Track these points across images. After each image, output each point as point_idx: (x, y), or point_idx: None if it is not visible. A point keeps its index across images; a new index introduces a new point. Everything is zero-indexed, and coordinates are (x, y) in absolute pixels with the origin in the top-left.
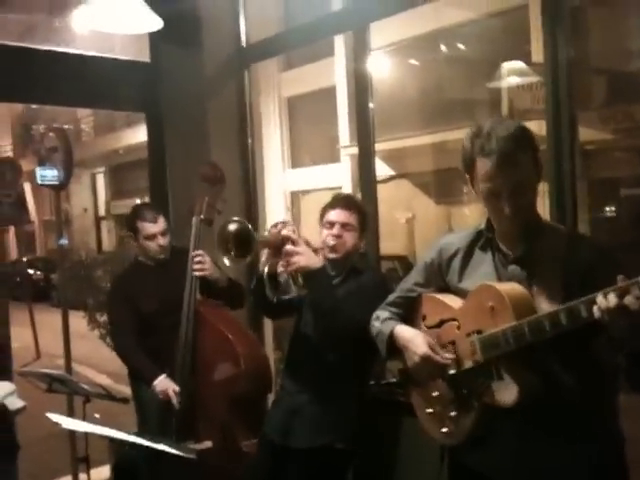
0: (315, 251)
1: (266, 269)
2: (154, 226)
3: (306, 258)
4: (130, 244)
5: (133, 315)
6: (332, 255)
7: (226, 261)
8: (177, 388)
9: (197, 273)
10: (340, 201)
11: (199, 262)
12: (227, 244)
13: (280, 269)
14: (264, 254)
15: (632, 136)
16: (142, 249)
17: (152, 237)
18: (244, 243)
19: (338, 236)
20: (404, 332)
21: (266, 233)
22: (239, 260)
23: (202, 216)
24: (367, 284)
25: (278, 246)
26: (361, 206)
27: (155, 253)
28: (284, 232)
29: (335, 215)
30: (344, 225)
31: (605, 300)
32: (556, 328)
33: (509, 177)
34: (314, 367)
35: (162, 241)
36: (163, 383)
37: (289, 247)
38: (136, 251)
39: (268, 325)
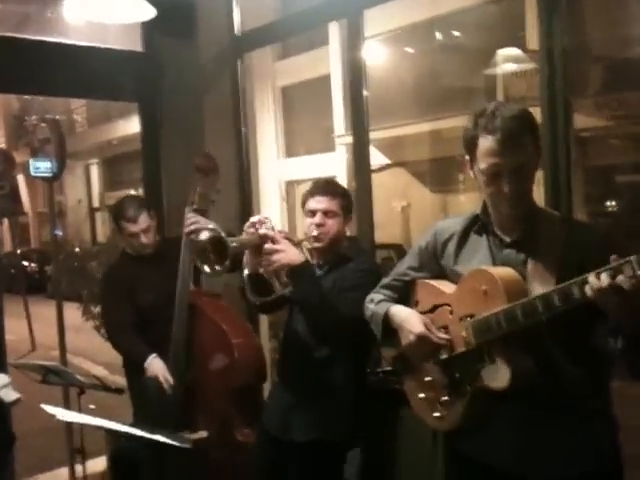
0: (297, 245)
1: (246, 271)
2: (134, 225)
3: (287, 255)
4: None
5: (127, 306)
6: (316, 244)
7: (207, 269)
8: (168, 374)
9: (192, 236)
10: (319, 188)
11: (192, 223)
12: (204, 253)
13: (261, 269)
14: (245, 255)
15: (628, 123)
16: (128, 243)
17: (134, 235)
18: (220, 250)
19: (320, 225)
20: (400, 312)
21: (243, 234)
22: (217, 268)
23: (194, 206)
24: (355, 273)
25: (257, 245)
26: (342, 189)
27: (139, 249)
28: (261, 231)
29: (315, 203)
30: (326, 212)
31: (597, 280)
32: (549, 310)
33: (511, 156)
34: (308, 361)
35: (144, 239)
36: (154, 366)
37: (268, 246)
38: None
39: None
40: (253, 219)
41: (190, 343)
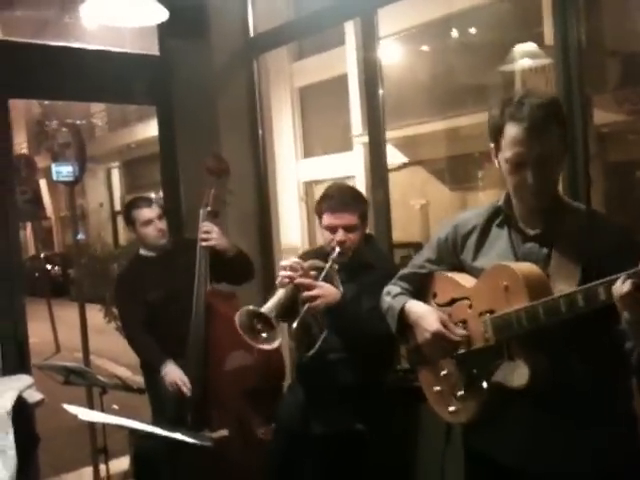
0: (330, 278)
1: (294, 324)
2: (150, 211)
3: (325, 298)
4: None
5: (141, 307)
6: (340, 259)
7: (264, 336)
8: (185, 378)
9: (204, 243)
10: (337, 202)
11: (205, 232)
12: (251, 327)
13: (304, 315)
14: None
15: None
16: (142, 239)
17: (149, 222)
18: (264, 319)
19: (343, 242)
20: (416, 308)
21: (276, 284)
22: (272, 334)
23: (209, 208)
24: (379, 283)
25: (294, 295)
26: (357, 196)
27: (155, 239)
28: (296, 281)
29: (335, 219)
30: (347, 228)
31: (622, 285)
32: (572, 310)
33: (538, 145)
34: (331, 363)
35: (160, 225)
36: (171, 373)
37: (306, 294)
38: (137, 245)
39: None
40: (284, 272)
41: (207, 344)
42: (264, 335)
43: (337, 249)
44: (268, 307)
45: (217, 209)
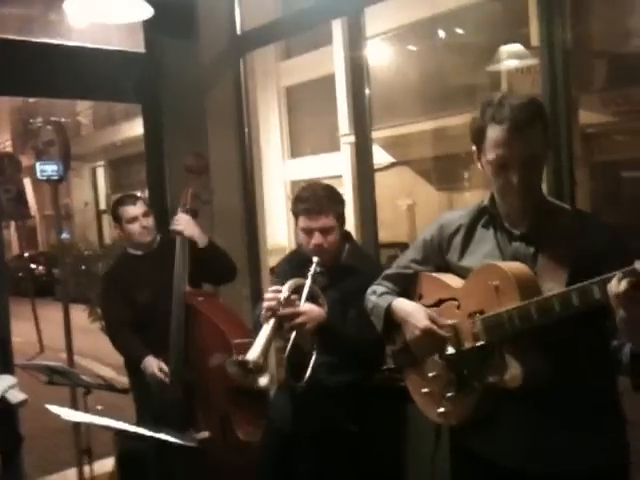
0: (318, 304)
1: (286, 353)
2: (134, 208)
3: (312, 321)
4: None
5: (126, 307)
6: (319, 268)
7: (257, 374)
8: (165, 366)
9: (171, 227)
10: (313, 205)
11: (178, 223)
12: (246, 372)
13: (293, 342)
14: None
15: (633, 119)
16: (128, 237)
17: (134, 220)
18: (256, 365)
19: (320, 245)
20: (404, 305)
21: (261, 317)
22: (267, 374)
23: (187, 207)
24: (364, 290)
25: (280, 326)
26: (335, 199)
27: (140, 236)
28: (280, 314)
29: (311, 222)
30: (323, 230)
31: (617, 284)
32: (567, 309)
33: (520, 146)
34: (320, 364)
35: (145, 222)
36: (150, 365)
37: (291, 324)
38: (124, 243)
39: None
40: (267, 303)
41: (189, 344)
42: (256, 373)
43: (315, 254)
44: (256, 353)
45: (195, 208)
